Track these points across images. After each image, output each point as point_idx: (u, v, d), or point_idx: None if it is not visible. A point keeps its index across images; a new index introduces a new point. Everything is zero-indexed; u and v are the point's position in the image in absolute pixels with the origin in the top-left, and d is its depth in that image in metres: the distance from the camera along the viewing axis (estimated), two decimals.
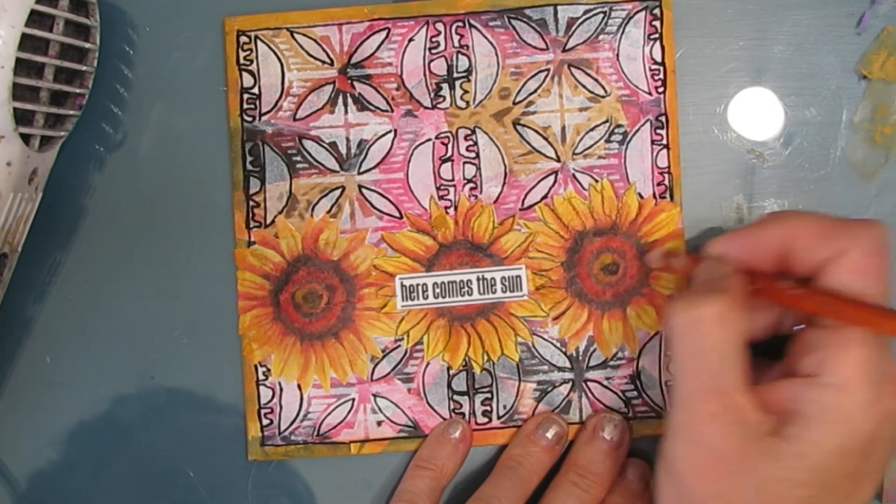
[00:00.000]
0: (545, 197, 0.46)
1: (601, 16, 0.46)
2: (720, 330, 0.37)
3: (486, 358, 0.46)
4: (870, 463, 0.36)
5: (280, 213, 0.46)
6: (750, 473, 0.36)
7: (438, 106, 0.46)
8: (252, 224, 0.46)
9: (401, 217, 0.46)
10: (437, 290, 0.46)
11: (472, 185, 0.46)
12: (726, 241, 0.41)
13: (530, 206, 0.46)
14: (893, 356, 0.37)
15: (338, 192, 0.46)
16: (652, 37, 0.46)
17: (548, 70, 0.46)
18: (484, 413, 0.46)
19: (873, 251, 0.37)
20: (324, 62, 0.46)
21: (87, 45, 0.44)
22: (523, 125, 0.46)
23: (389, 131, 0.46)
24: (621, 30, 0.46)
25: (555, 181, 0.46)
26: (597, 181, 0.46)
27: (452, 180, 0.46)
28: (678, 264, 0.44)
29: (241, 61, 0.46)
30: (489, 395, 0.46)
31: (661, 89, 0.46)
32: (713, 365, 0.37)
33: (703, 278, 0.40)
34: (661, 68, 0.46)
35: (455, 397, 0.46)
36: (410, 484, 0.45)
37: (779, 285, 0.38)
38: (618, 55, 0.46)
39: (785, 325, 0.42)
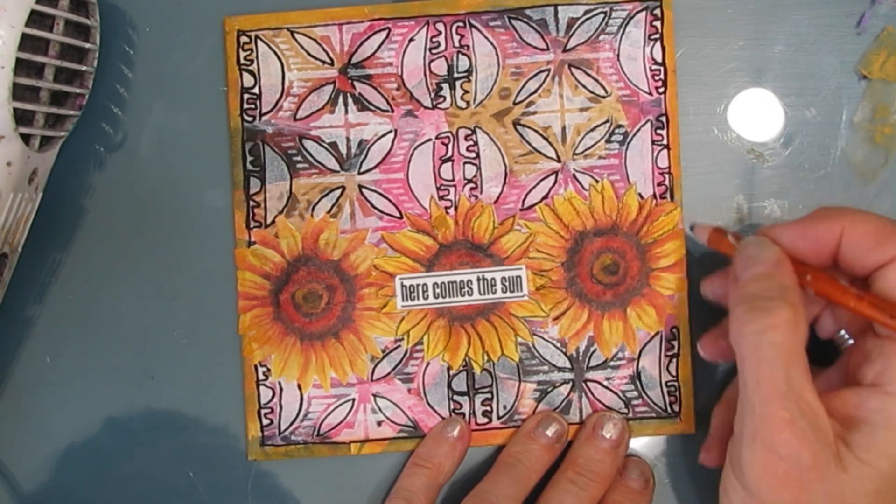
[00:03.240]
0: (545, 197, 0.46)
1: (602, 16, 0.46)
2: (790, 336, 0.37)
3: (486, 358, 0.46)
4: None
5: (280, 212, 0.46)
6: (820, 480, 0.36)
7: (439, 106, 0.46)
8: (252, 224, 0.46)
9: (401, 217, 0.46)
10: (438, 291, 0.46)
11: (472, 185, 0.46)
12: (779, 230, 0.40)
13: (531, 207, 0.46)
14: None
15: (338, 192, 0.46)
16: (652, 37, 0.46)
17: (548, 70, 0.46)
18: (484, 413, 0.46)
19: None
20: (324, 62, 0.46)
21: (87, 45, 0.44)
22: (524, 125, 0.46)
23: (390, 131, 0.46)
24: (622, 30, 0.46)
25: (555, 181, 0.46)
26: (597, 181, 0.46)
27: (453, 180, 0.46)
28: (723, 244, 0.43)
29: (242, 61, 0.46)
30: (489, 396, 0.46)
31: (661, 89, 0.46)
32: (785, 371, 0.36)
33: (753, 271, 0.39)
34: (662, 68, 0.46)
35: (455, 397, 0.46)
36: (407, 481, 0.45)
37: (839, 284, 0.38)
38: (618, 55, 0.46)
39: (825, 327, 0.42)
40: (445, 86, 0.46)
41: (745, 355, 0.38)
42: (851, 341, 0.41)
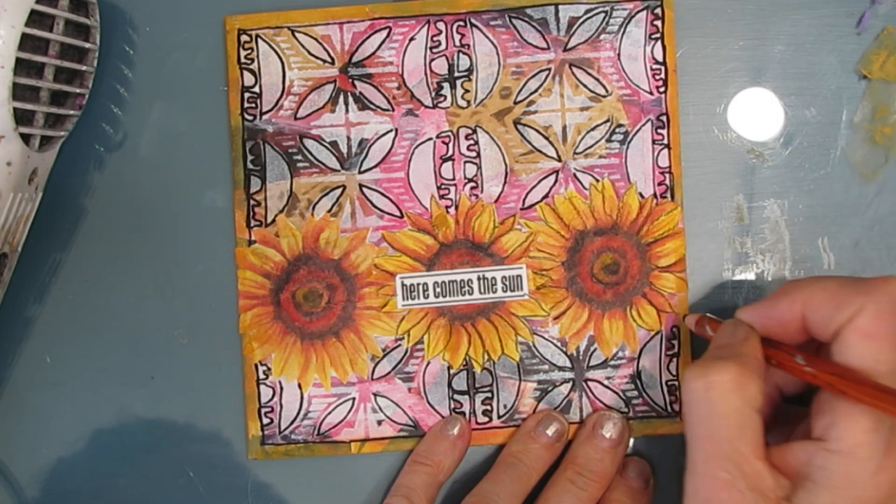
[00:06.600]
0: (546, 196, 0.46)
1: (602, 15, 0.46)
2: (733, 396, 0.37)
3: (486, 357, 0.46)
4: None
5: (281, 212, 0.46)
6: None
7: (439, 105, 0.46)
8: (253, 223, 0.46)
9: (401, 216, 0.46)
10: (438, 290, 0.46)
11: (472, 184, 0.46)
12: (748, 312, 0.40)
13: (531, 206, 0.46)
14: None
15: (338, 191, 0.46)
16: (653, 36, 0.46)
17: (549, 69, 0.46)
18: (484, 412, 0.46)
19: (884, 312, 0.36)
20: (325, 61, 0.46)
21: (87, 45, 0.44)
22: (524, 124, 0.46)
23: (390, 130, 0.46)
24: (622, 29, 0.46)
25: (556, 181, 0.46)
26: (598, 181, 0.46)
27: (453, 179, 0.46)
28: (708, 330, 0.44)
29: (242, 60, 0.46)
30: (489, 395, 0.46)
31: (662, 89, 0.46)
32: (727, 431, 0.36)
33: (720, 342, 0.40)
34: (663, 68, 0.46)
35: (455, 396, 0.46)
36: (407, 479, 0.45)
37: (792, 361, 0.38)
38: (619, 55, 0.46)
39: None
40: (446, 85, 0.46)
41: (689, 412, 0.38)
42: None
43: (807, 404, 0.39)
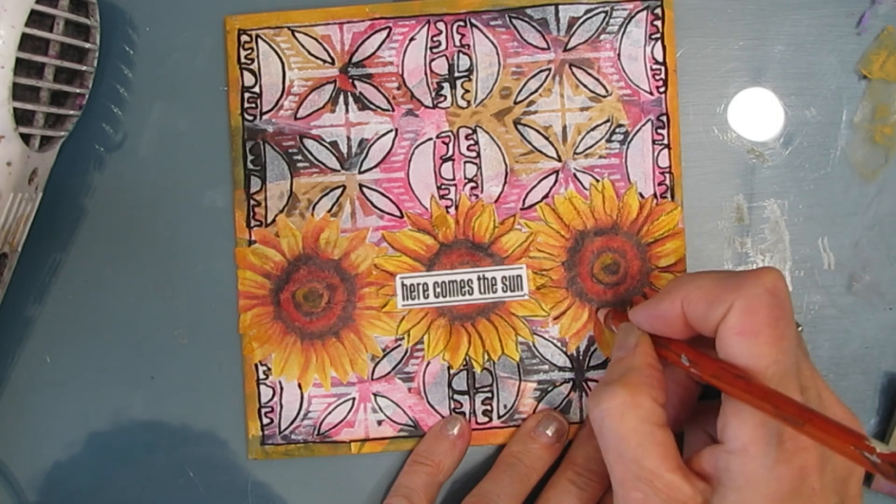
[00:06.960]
0: (546, 196, 0.46)
1: (602, 15, 0.46)
2: (628, 418, 0.37)
3: (486, 357, 0.46)
4: None
5: (281, 212, 0.46)
6: None
7: (439, 105, 0.46)
8: (253, 223, 0.46)
9: (401, 216, 0.46)
10: (438, 290, 0.46)
11: (472, 184, 0.46)
12: (636, 313, 0.41)
13: (531, 206, 0.46)
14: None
15: (338, 191, 0.46)
16: (653, 36, 0.46)
17: (549, 69, 0.46)
18: (484, 412, 0.46)
19: (752, 308, 0.36)
20: (325, 61, 0.46)
21: (87, 45, 0.44)
22: (524, 125, 0.46)
23: (390, 130, 0.46)
24: (622, 29, 0.46)
25: (556, 181, 0.46)
26: (598, 181, 0.46)
27: (453, 179, 0.46)
28: (613, 328, 0.44)
29: (242, 60, 0.46)
30: (490, 395, 0.46)
31: (662, 89, 0.46)
32: (630, 452, 0.37)
33: (615, 355, 0.40)
34: (663, 68, 0.46)
35: (455, 396, 0.46)
36: (407, 479, 0.45)
37: (679, 361, 0.38)
38: (619, 55, 0.46)
39: None
40: (446, 85, 0.46)
41: (598, 440, 0.38)
42: None
43: None
